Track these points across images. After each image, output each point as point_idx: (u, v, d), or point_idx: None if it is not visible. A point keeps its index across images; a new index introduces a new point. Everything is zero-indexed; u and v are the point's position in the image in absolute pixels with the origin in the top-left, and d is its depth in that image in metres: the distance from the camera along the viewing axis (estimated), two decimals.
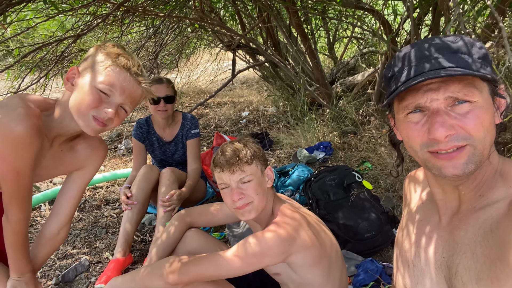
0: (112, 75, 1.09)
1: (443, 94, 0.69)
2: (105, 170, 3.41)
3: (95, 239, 2.29)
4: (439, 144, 0.70)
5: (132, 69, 1.11)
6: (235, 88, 7.26)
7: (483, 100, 0.69)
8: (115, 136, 4.34)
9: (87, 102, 1.08)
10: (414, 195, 0.98)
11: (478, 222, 0.72)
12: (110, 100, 1.10)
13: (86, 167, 1.36)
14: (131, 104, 1.15)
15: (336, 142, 3.55)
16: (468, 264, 0.70)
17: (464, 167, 0.69)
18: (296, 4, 3.69)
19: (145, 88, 1.16)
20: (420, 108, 0.72)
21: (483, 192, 0.75)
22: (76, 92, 1.11)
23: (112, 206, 2.72)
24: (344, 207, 2.06)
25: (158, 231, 2.01)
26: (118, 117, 1.14)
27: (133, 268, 2.00)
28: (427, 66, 0.70)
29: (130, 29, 4.15)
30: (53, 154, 1.24)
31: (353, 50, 6.82)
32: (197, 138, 2.44)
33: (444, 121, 0.68)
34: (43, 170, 1.24)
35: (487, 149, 0.70)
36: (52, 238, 1.40)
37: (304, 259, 1.18)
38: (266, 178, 1.30)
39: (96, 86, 1.08)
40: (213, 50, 6.57)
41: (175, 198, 2.08)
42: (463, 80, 0.68)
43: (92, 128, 1.11)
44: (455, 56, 0.70)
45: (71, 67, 1.13)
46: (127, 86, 1.11)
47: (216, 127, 4.63)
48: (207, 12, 4.01)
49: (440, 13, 2.94)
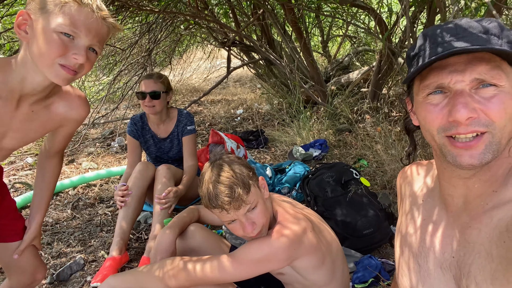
0: (72, 14, 0.95)
1: (470, 76, 0.66)
2: (99, 168, 3.36)
3: (89, 238, 2.25)
4: (458, 127, 0.67)
5: (91, 3, 0.97)
6: (228, 86, 7.23)
7: (510, 85, 0.66)
8: (108, 134, 4.29)
9: (50, 50, 0.95)
10: (417, 182, 0.95)
11: (492, 221, 0.69)
12: (76, 43, 0.97)
13: (66, 124, 1.26)
14: (99, 44, 1.03)
15: (331, 139, 3.54)
16: (482, 264, 0.68)
17: (481, 157, 0.66)
18: (291, 1, 3.68)
19: (111, 23, 1.03)
20: (442, 89, 0.69)
21: (496, 187, 0.72)
22: (34, 41, 0.97)
23: (106, 204, 2.68)
24: (342, 204, 2.05)
25: (155, 228, 1.98)
26: (89, 61, 1.02)
27: (130, 267, 1.96)
28: (455, 45, 0.67)
29: (124, 25, 4.09)
30: (22, 116, 1.12)
31: (347, 49, 6.84)
32: (193, 134, 2.41)
33: (467, 102, 0.65)
34: (15, 133, 1.14)
35: (505, 138, 0.67)
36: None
37: (310, 261, 1.16)
38: (262, 190, 1.23)
39: (57, 29, 0.94)
40: (206, 48, 6.53)
41: (172, 195, 2.05)
42: (491, 61, 0.65)
43: (62, 78, 1.00)
44: (485, 37, 0.67)
45: (19, 11, 0.98)
46: (91, 24, 0.98)
47: (211, 125, 4.60)
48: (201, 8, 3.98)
49: (436, 10, 2.95)
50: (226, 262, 1.12)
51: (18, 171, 3.26)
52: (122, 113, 4.94)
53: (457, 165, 0.69)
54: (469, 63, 0.66)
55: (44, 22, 0.95)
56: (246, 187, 1.13)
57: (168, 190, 2.05)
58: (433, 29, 0.73)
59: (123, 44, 4.73)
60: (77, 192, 2.86)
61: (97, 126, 4.61)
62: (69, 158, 3.57)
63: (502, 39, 0.67)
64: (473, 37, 0.67)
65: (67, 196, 2.79)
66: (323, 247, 1.19)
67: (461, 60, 0.67)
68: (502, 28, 0.69)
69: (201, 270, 1.15)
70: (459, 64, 0.67)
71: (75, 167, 3.38)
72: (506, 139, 0.68)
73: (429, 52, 0.70)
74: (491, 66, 0.65)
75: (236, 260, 1.12)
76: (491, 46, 0.64)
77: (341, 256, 1.33)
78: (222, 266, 1.12)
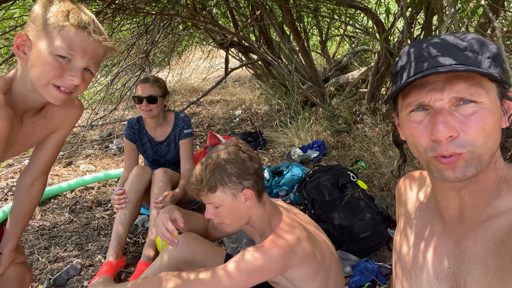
0: (70, 37, 0.98)
1: (448, 95, 0.66)
2: (96, 171, 3.36)
3: (86, 242, 2.25)
4: (440, 147, 0.67)
5: (89, 27, 1.00)
6: (228, 86, 7.23)
7: (490, 101, 0.66)
8: (106, 136, 4.29)
9: (47, 72, 0.99)
10: (411, 195, 0.96)
11: (488, 233, 0.70)
12: (72, 65, 1.01)
13: (61, 127, 1.30)
14: (95, 65, 1.06)
15: (330, 141, 3.54)
16: (478, 275, 0.69)
17: (463, 170, 0.67)
18: (289, 2, 3.67)
19: (107, 45, 1.05)
20: (423, 107, 0.70)
21: (488, 199, 0.72)
22: (32, 62, 1.00)
23: (104, 208, 2.68)
24: (339, 207, 2.05)
25: (152, 232, 1.98)
26: (84, 82, 1.05)
27: (126, 271, 1.97)
28: (431, 63, 0.68)
29: (121, 27, 4.09)
30: (25, 129, 1.17)
31: (346, 49, 6.83)
32: (190, 138, 2.40)
33: (447, 121, 0.66)
34: (18, 147, 1.18)
35: (487, 153, 0.68)
36: (26, 190, 1.34)
37: (302, 272, 1.16)
38: (241, 199, 1.22)
39: (54, 52, 0.98)
40: (205, 48, 6.52)
41: (168, 199, 2.04)
42: (469, 79, 0.65)
43: (57, 98, 1.03)
44: (462, 54, 0.67)
45: (18, 33, 1.01)
46: (88, 47, 1.01)
47: (209, 126, 4.60)
48: (199, 10, 3.97)
49: (433, 12, 2.94)
50: (222, 276, 1.11)
51: (16, 174, 3.26)
52: (121, 114, 4.93)
53: (443, 179, 0.70)
54: (447, 81, 0.66)
55: (42, 44, 0.98)
56: (210, 186, 1.17)
57: (164, 194, 2.05)
58: (414, 46, 0.74)
59: (121, 45, 4.73)
60: (74, 195, 2.86)
61: (95, 127, 4.60)
62: (67, 161, 3.56)
63: (482, 55, 0.68)
64: (452, 54, 0.67)
65: (64, 199, 2.79)
66: (317, 256, 1.19)
67: (440, 79, 0.67)
68: (482, 43, 0.69)
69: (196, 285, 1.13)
70: (438, 83, 0.67)
71: (73, 170, 3.38)
72: (488, 154, 0.68)
73: (410, 70, 0.71)
74: (470, 83, 0.65)
75: (230, 273, 1.11)
76: (466, 67, 0.64)
77: (336, 266, 1.32)
78: (218, 280, 1.11)
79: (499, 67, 0.69)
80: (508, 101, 0.71)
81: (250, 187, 1.21)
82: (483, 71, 0.63)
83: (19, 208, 1.36)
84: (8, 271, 1.34)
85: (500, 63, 0.69)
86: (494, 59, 0.68)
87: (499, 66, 0.69)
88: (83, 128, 4.25)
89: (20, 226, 1.36)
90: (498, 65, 0.69)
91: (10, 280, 1.35)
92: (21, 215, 1.37)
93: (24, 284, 1.42)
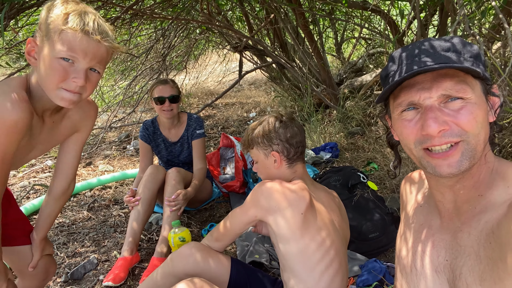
0: (69, 40, 1.01)
1: (436, 92, 0.70)
2: (114, 170, 3.46)
3: (103, 238, 2.34)
4: (432, 140, 0.71)
5: (86, 28, 1.02)
6: (243, 89, 7.30)
7: (476, 97, 0.70)
8: (124, 137, 4.41)
9: (52, 77, 1.03)
10: (411, 197, 0.98)
11: (480, 224, 0.72)
12: (75, 67, 1.04)
13: (81, 129, 1.37)
14: (100, 65, 1.09)
15: (343, 143, 3.55)
16: (472, 265, 0.71)
17: (458, 164, 0.70)
18: (302, 6, 3.70)
19: (108, 45, 1.07)
20: (413, 105, 0.74)
21: (481, 191, 0.75)
22: (40, 67, 1.05)
23: (120, 206, 2.77)
24: (348, 208, 2.06)
25: (165, 229, 2.04)
26: (91, 82, 1.09)
27: (140, 267, 2.03)
28: (418, 64, 0.72)
29: (139, 32, 4.21)
30: (47, 128, 1.22)
31: (361, 51, 6.80)
32: (202, 138, 2.47)
33: (436, 117, 0.69)
34: (42, 144, 1.26)
35: (480, 145, 0.71)
36: (64, 192, 1.44)
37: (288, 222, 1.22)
38: (270, 159, 1.40)
39: (56, 55, 1.01)
40: (221, 51, 6.62)
41: (181, 198, 2.11)
42: (454, 77, 0.69)
43: (66, 101, 1.07)
44: (446, 54, 0.71)
45: (28, 39, 1.06)
46: (88, 48, 1.03)
47: (223, 128, 4.67)
48: (215, 14, 4.05)
49: (448, 13, 2.92)
50: (236, 211, 1.35)
51: (38, 173, 3.40)
52: (138, 117, 5.06)
53: (437, 175, 0.73)
54: (434, 80, 0.70)
55: (47, 49, 1.03)
56: (249, 143, 1.44)
57: (177, 192, 2.11)
58: (402, 50, 0.78)
59: (139, 49, 4.86)
60: (93, 194, 2.96)
61: (114, 129, 4.74)
62: (87, 161, 3.69)
63: (464, 55, 0.71)
64: (436, 55, 0.71)
65: (83, 198, 2.90)
66: (311, 221, 1.23)
67: (427, 78, 0.71)
68: (464, 44, 0.73)
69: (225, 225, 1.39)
70: (425, 82, 0.71)
71: (92, 170, 3.50)
72: (481, 146, 0.71)
73: (398, 72, 0.75)
74: (455, 81, 0.69)
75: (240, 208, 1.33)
76: (450, 64, 0.68)
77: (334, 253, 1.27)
78: (233, 215, 1.36)
79: (481, 65, 0.73)
80: (493, 97, 0.74)
81: (279, 151, 1.39)
82: (467, 67, 0.67)
83: (52, 210, 1.45)
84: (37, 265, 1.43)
85: (482, 62, 0.73)
86: (476, 58, 0.72)
87: (481, 65, 0.73)
88: (102, 130, 4.38)
89: (51, 222, 1.45)
90: (480, 63, 0.73)
91: (37, 270, 1.43)
92: (54, 214, 1.46)
93: (49, 275, 1.50)
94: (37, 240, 1.40)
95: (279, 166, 1.41)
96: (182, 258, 1.42)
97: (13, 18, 1.93)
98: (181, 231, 1.88)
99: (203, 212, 2.62)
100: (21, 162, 1.30)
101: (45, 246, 1.44)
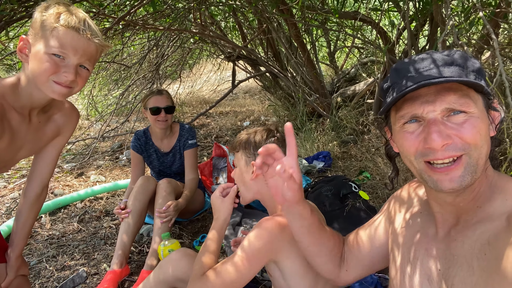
0: (61, 37, 1.07)
1: (440, 106, 0.70)
2: (106, 181, 3.44)
3: (93, 251, 2.31)
4: (435, 153, 0.70)
5: (77, 26, 1.09)
6: (238, 97, 7.32)
7: (478, 111, 0.70)
8: (117, 147, 4.39)
9: (44, 69, 1.08)
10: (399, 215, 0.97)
11: (475, 234, 0.72)
12: (66, 62, 1.10)
13: (62, 133, 1.41)
14: (89, 62, 1.15)
15: (336, 151, 3.55)
16: (464, 276, 0.70)
17: (461, 179, 0.70)
18: (294, 16, 3.73)
19: (98, 42, 1.14)
20: (416, 118, 0.73)
21: (480, 203, 0.75)
22: (31, 62, 1.11)
23: (111, 217, 2.74)
24: (340, 218, 2.06)
25: (155, 242, 2.02)
26: (81, 78, 1.15)
27: (130, 280, 2.01)
28: (422, 77, 0.71)
29: (132, 42, 4.22)
30: (33, 128, 1.27)
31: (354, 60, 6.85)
32: (194, 148, 2.46)
33: (440, 130, 0.69)
34: (29, 143, 1.29)
35: (482, 158, 0.71)
36: (37, 197, 1.45)
37: (293, 266, 1.17)
38: (250, 170, 1.34)
39: (49, 51, 1.08)
40: (215, 61, 6.64)
41: (172, 209, 2.09)
42: (458, 91, 0.69)
43: (57, 93, 1.13)
44: (450, 68, 0.71)
45: (20, 37, 1.12)
46: (78, 45, 1.10)
47: (217, 137, 4.66)
48: (208, 24, 4.07)
49: (437, 24, 2.96)
50: (238, 262, 1.13)
51: None
52: (131, 126, 5.04)
53: (438, 190, 0.73)
54: (438, 93, 0.70)
55: (39, 45, 1.09)
56: (236, 146, 1.41)
57: (168, 204, 2.10)
58: (403, 62, 0.78)
59: (133, 59, 4.87)
60: (84, 205, 2.93)
61: (106, 139, 4.71)
62: (78, 172, 3.66)
63: (467, 69, 0.72)
64: (440, 69, 0.72)
65: (74, 209, 2.87)
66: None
67: (431, 91, 0.71)
68: (466, 58, 0.73)
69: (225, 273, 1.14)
70: (429, 95, 0.71)
71: (84, 180, 3.47)
72: (483, 160, 0.71)
73: (401, 85, 0.74)
74: (459, 95, 0.69)
75: (236, 263, 1.13)
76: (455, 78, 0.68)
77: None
78: (237, 267, 1.13)
79: (483, 80, 0.73)
80: (494, 111, 0.75)
81: None
82: (472, 81, 0.68)
83: (27, 218, 1.43)
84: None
85: (484, 76, 0.73)
86: (478, 72, 0.72)
87: (483, 79, 0.73)
88: (94, 140, 4.36)
89: (26, 235, 1.43)
90: (482, 77, 0.73)
91: None
92: (29, 223, 1.44)
93: None
94: (13, 258, 1.38)
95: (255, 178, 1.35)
96: (170, 263, 1.46)
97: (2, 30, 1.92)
98: (171, 244, 1.86)
99: (195, 223, 2.60)
100: (11, 162, 1.32)
101: (21, 265, 1.41)
